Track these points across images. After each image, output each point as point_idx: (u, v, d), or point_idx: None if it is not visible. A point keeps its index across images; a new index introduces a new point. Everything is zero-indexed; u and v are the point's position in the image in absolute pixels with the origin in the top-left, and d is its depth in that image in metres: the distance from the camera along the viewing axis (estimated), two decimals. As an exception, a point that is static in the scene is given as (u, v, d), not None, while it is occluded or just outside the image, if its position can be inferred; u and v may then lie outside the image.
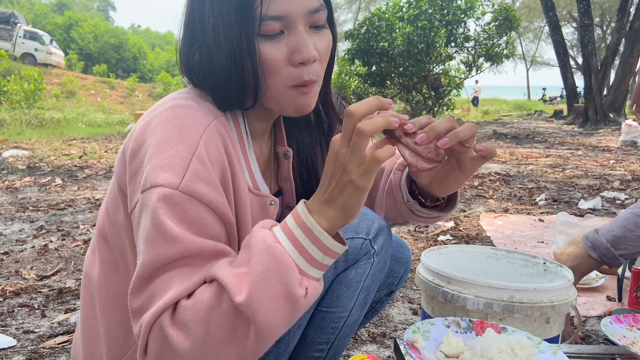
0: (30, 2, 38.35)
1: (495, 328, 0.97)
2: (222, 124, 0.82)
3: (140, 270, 0.72)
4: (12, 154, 6.42)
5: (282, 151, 0.96)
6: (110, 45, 31.59)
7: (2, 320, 1.86)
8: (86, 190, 4.39)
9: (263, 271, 0.68)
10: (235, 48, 0.78)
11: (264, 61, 0.78)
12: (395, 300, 2.07)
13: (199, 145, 0.75)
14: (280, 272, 0.68)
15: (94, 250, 0.94)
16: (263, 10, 0.76)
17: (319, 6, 0.80)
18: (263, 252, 0.68)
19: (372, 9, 15.14)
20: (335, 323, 1.02)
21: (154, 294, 0.71)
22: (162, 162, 0.73)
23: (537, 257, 1.41)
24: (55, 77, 19.35)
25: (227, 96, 0.83)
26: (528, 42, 38.33)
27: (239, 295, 0.67)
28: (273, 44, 0.78)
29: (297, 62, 0.79)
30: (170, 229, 0.70)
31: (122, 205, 0.85)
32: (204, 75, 0.83)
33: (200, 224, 0.73)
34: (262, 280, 0.67)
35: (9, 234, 3.03)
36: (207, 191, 0.73)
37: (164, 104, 0.82)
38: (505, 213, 3.61)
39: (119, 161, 0.85)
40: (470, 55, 14.15)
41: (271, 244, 0.69)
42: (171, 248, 0.70)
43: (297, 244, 0.70)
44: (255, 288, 0.67)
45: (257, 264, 0.68)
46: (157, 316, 0.69)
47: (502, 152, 7.27)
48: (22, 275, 2.32)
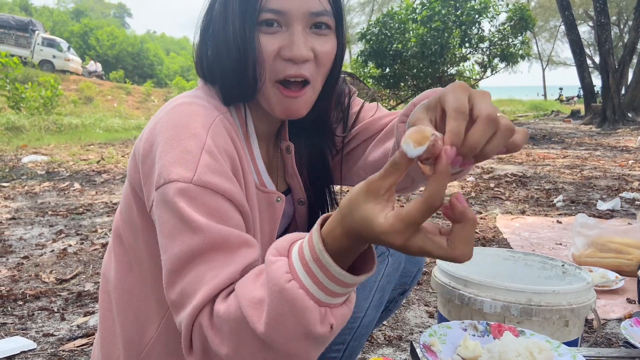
0: (48, 10, 39.01)
1: (513, 331, 0.96)
2: (227, 120, 0.83)
3: (170, 263, 0.72)
4: (32, 160, 6.53)
5: (285, 146, 0.97)
6: (126, 52, 32.00)
7: (23, 323, 1.89)
8: (104, 195, 4.45)
9: (278, 314, 0.63)
10: (239, 38, 0.80)
11: (259, 51, 0.81)
12: (411, 302, 2.06)
13: (207, 139, 0.76)
14: (297, 317, 0.63)
15: (110, 251, 0.96)
16: (262, 3, 0.79)
17: (322, 10, 0.81)
18: (276, 295, 0.63)
19: (385, 10, 15.10)
20: (351, 323, 1.02)
21: (188, 291, 0.71)
22: (173, 158, 0.74)
23: (555, 260, 1.40)
24: (73, 84, 19.65)
25: (233, 86, 0.85)
26: (544, 41, 37.94)
27: (258, 328, 0.64)
28: (269, 37, 0.80)
29: (285, 57, 0.80)
30: (194, 219, 0.71)
31: (134, 205, 0.87)
32: (213, 68, 0.86)
33: (219, 213, 0.73)
34: (279, 323, 0.63)
35: (29, 238, 3.08)
36: (219, 181, 0.74)
37: (171, 104, 0.84)
38: (522, 215, 3.57)
39: (131, 163, 0.86)
40: (485, 56, 14.05)
41: (284, 285, 0.62)
42: (197, 238, 0.70)
43: (315, 279, 0.63)
44: (272, 329, 0.64)
45: (272, 305, 0.63)
46: (195, 316, 0.70)
47: (519, 153, 7.20)
48: (42, 279, 2.36)
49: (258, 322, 0.64)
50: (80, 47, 31.07)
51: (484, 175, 5.33)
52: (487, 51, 13.92)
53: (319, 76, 0.85)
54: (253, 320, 0.65)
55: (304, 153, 1.01)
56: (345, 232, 0.60)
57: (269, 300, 0.64)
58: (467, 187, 4.67)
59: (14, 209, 3.84)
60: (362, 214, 0.58)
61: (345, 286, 0.63)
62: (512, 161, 6.44)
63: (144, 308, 0.90)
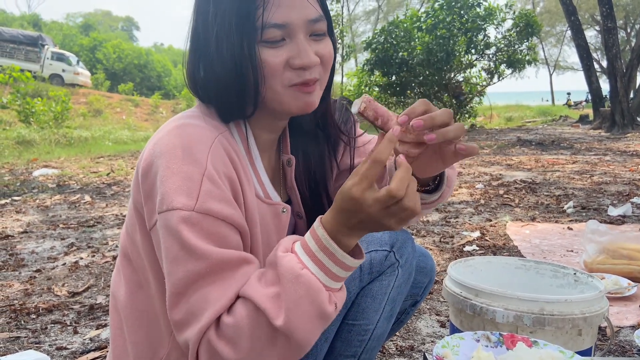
0: (58, 25, 39.55)
1: (526, 342, 0.95)
2: (226, 139, 0.85)
3: (174, 287, 0.78)
4: (43, 173, 6.59)
5: (286, 159, 0.98)
6: (134, 64, 32.32)
7: (36, 337, 1.91)
8: (114, 207, 4.48)
9: (296, 299, 0.75)
10: (236, 56, 0.81)
11: (264, 66, 0.82)
12: (423, 312, 2.05)
13: (207, 165, 0.79)
14: (311, 298, 0.75)
15: (119, 270, 0.96)
16: (265, 19, 0.80)
17: (319, 16, 0.84)
18: (293, 282, 0.75)
19: (390, 19, 15.15)
20: (362, 336, 1.02)
21: (194, 311, 0.77)
22: (175, 185, 0.77)
23: (567, 268, 1.39)
24: (82, 97, 19.85)
25: (229, 105, 0.86)
26: (550, 46, 37.86)
27: (277, 320, 0.74)
28: (274, 50, 0.82)
29: (296, 66, 0.83)
30: (196, 246, 0.76)
31: (138, 225, 0.88)
32: (208, 87, 0.87)
33: (220, 237, 0.78)
34: (296, 306, 0.74)
35: (41, 251, 3.11)
36: (220, 208, 0.78)
37: (170, 124, 0.85)
38: (533, 222, 3.55)
39: (134, 182, 0.88)
40: (491, 62, 14.03)
41: (299, 272, 0.75)
42: (200, 264, 0.76)
43: (322, 266, 0.77)
44: (292, 314, 0.74)
45: (290, 292, 0.75)
46: (203, 333, 0.76)
47: (527, 159, 7.17)
48: (55, 292, 2.38)
49: (278, 313, 0.74)
50: (89, 60, 31.42)
51: (493, 182, 5.31)
52: (494, 57, 13.92)
53: (325, 74, 0.89)
54: (273, 313, 0.74)
55: (303, 167, 1.03)
56: (344, 217, 0.76)
57: (286, 288, 0.75)
58: (476, 194, 4.65)
59: (25, 223, 3.88)
60: (354, 194, 0.75)
61: (346, 269, 0.79)
62: (521, 167, 6.41)
63: (155, 326, 0.91)
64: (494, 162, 6.99)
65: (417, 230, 3.39)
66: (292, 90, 0.84)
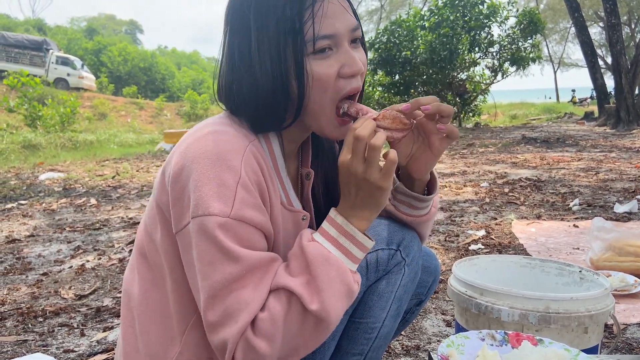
0: (62, 30, 39.75)
1: (531, 340, 0.95)
2: (256, 148, 0.87)
3: (210, 289, 0.81)
4: (49, 177, 6.63)
5: (305, 172, 1.01)
6: (138, 67, 32.44)
7: (43, 340, 1.92)
8: (120, 210, 4.50)
9: (328, 280, 0.81)
10: (283, 71, 0.84)
11: (316, 78, 0.85)
12: (428, 312, 2.05)
13: (242, 172, 0.82)
14: (341, 277, 0.83)
15: (133, 268, 0.97)
16: (315, 31, 0.83)
17: (357, 25, 0.89)
18: (324, 264, 0.82)
19: (393, 18, 15.13)
20: (369, 334, 1.02)
21: (230, 312, 0.80)
22: (211, 191, 0.80)
23: (572, 266, 1.39)
24: (87, 100, 19.96)
25: (267, 118, 0.88)
26: (554, 43, 37.70)
27: (312, 304, 0.80)
28: (324, 61, 0.85)
29: (347, 75, 0.86)
30: (232, 250, 0.80)
31: (159, 224, 0.90)
32: (245, 102, 0.88)
33: (251, 241, 0.83)
34: (329, 287, 0.81)
35: (48, 254, 3.13)
36: (253, 215, 0.83)
37: (202, 130, 0.87)
38: (538, 220, 3.54)
39: (159, 183, 0.90)
40: (495, 60, 14.00)
41: (328, 255, 0.83)
42: (236, 266, 0.80)
43: (344, 249, 0.85)
44: (325, 295, 0.81)
45: (321, 274, 0.81)
46: (242, 333, 0.80)
47: (532, 157, 7.15)
48: (61, 295, 2.39)
49: (312, 297, 0.80)
50: (94, 64, 31.56)
51: (498, 180, 5.30)
52: (497, 55, 13.88)
53: (361, 85, 0.93)
54: (307, 297, 0.80)
55: (321, 181, 1.06)
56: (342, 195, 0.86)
57: (317, 272, 0.81)
58: (482, 193, 4.64)
59: (32, 227, 3.90)
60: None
61: (364, 250, 0.87)
62: (526, 165, 6.39)
63: (167, 325, 0.92)
64: (499, 161, 6.97)
65: (422, 229, 3.38)
66: (333, 119, 0.89)
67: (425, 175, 0.99)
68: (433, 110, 0.87)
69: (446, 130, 0.90)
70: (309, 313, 0.80)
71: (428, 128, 0.91)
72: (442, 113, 0.88)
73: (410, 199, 1.02)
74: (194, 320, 0.90)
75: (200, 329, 0.90)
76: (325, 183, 1.07)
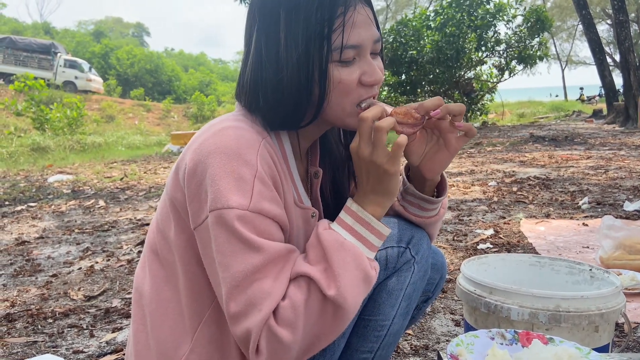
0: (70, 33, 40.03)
1: (541, 339, 0.94)
2: (269, 144, 0.88)
3: (233, 280, 0.81)
4: (57, 179, 6.67)
5: (313, 171, 1.02)
6: (146, 69, 32.61)
7: (53, 341, 1.93)
8: (128, 211, 4.52)
9: (344, 264, 0.82)
10: (309, 75, 0.86)
11: (339, 84, 0.87)
12: (437, 311, 2.04)
13: (258, 166, 0.84)
14: (356, 262, 0.84)
15: (144, 265, 0.98)
16: (344, 41, 0.85)
17: (379, 37, 0.91)
18: (339, 249, 0.83)
19: (399, 18, 15.11)
20: (378, 331, 1.02)
21: (253, 302, 0.81)
22: (229, 185, 0.81)
23: (582, 264, 1.38)
24: (95, 103, 20.09)
25: (287, 117, 0.90)
26: (562, 41, 37.50)
27: (329, 289, 0.81)
28: (348, 69, 0.87)
29: (369, 83, 0.89)
30: (254, 240, 0.81)
31: (173, 222, 0.91)
32: (266, 102, 0.89)
33: (269, 233, 0.84)
34: (345, 272, 0.82)
35: (57, 256, 3.14)
36: (271, 207, 0.84)
37: (216, 126, 0.88)
38: (547, 218, 3.51)
39: (172, 180, 0.90)
40: (502, 59, 13.94)
41: (343, 241, 0.84)
42: (259, 256, 0.81)
43: (359, 236, 0.86)
44: (342, 280, 0.81)
45: (337, 260, 0.82)
46: (265, 321, 0.80)
47: (541, 156, 7.11)
48: (71, 297, 2.40)
49: (329, 283, 0.81)
50: (101, 67, 31.76)
51: (506, 179, 5.27)
52: (504, 54, 13.82)
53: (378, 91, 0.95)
54: (324, 283, 0.81)
55: (329, 180, 1.08)
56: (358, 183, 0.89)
57: (333, 258, 0.83)
58: (490, 192, 4.62)
59: (41, 228, 3.93)
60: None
61: (380, 237, 0.88)
62: (534, 164, 6.36)
63: (179, 322, 0.92)
64: (507, 159, 6.93)
65: (430, 229, 3.36)
66: (354, 109, 0.90)
67: (437, 176, 1.00)
68: (443, 114, 0.88)
69: (464, 128, 0.91)
70: (327, 299, 0.81)
71: (443, 127, 0.92)
72: (453, 112, 0.89)
73: (420, 201, 1.03)
74: (205, 318, 0.91)
75: (211, 326, 0.90)
76: (333, 182, 1.08)
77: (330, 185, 1.08)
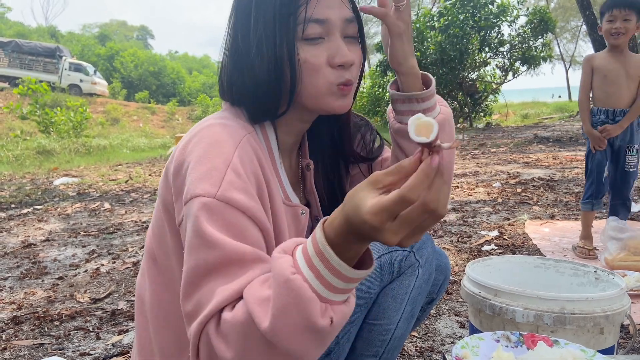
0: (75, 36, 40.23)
1: (547, 341, 0.95)
2: (253, 139, 0.87)
3: (186, 276, 0.76)
4: (63, 182, 6.70)
5: (305, 163, 1.01)
6: (150, 72, 32.72)
7: (60, 343, 1.94)
8: (133, 214, 4.54)
9: (283, 306, 0.66)
10: (277, 54, 0.84)
11: (305, 63, 0.85)
12: (442, 313, 2.04)
13: (234, 158, 0.80)
14: (300, 307, 0.66)
15: (144, 272, 0.98)
16: (308, 14, 0.84)
17: (352, 17, 0.88)
18: (282, 286, 0.67)
19: (403, 19, 15.03)
20: (383, 336, 1.02)
21: (201, 302, 0.74)
22: (200, 175, 0.78)
23: (587, 266, 1.38)
24: (100, 106, 20.16)
25: (264, 105, 0.88)
26: (566, 42, 37.37)
27: (263, 324, 0.67)
28: (314, 48, 0.85)
29: (336, 64, 0.86)
30: (211, 234, 0.74)
31: (167, 225, 0.90)
32: (244, 89, 0.88)
33: (238, 229, 0.76)
34: (283, 314, 0.66)
35: (63, 259, 3.16)
36: (242, 198, 0.77)
37: (201, 125, 0.88)
38: (552, 219, 3.51)
39: (163, 182, 0.90)
40: (505, 60, 13.91)
41: (289, 276, 0.67)
42: (212, 253, 0.74)
43: (317, 273, 0.67)
44: (277, 321, 0.66)
45: (278, 297, 0.67)
46: (203, 325, 0.73)
47: (545, 157, 7.09)
48: (77, 299, 2.41)
49: (264, 318, 0.67)
50: (106, 69, 31.88)
51: (510, 180, 5.26)
52: (508, 55, 13.79)
53: (356, 80, 0.91)
54: (259, 317, 0.67)
55: (321, 172, 1.05)
56: (344, 223, 0.65)
57: (275, 292, 0.67)
58: (494, 193, 4.61)
59: (47, 231, 3.95)
60: (357, 198, 0.63)
61: (345, 280, 0.67)
62: (538, 165, 6.34)
63: (181, 327, 0.92)
64: (511, 160, 6.92)
65: (434, 230, 3.37)
66: (333, 88, 0.87)
67: (408, 67, 0.94)
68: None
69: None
70: (262, 332, 0.68)
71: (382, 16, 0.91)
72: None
73: (410, 104, 0.96)
74: None
75: None
76: (325, 172, 1.06)
77: (323, 175, 1.05)
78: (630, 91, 2.63)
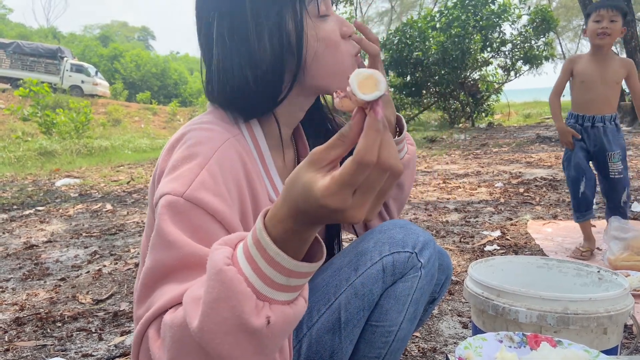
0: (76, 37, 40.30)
1: (550, 342, 0.94)
2: (238, 142, 0.85)
3: (142, 278, 0.72)
4: (65, 183, 6.71)
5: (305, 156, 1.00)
6: (151, 73, 32.78)
7: (62, 344, 1.94)
8: (135, 215, 4.54)
9: (212, 300, 0.58)
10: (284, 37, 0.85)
11: (325, 40, 0.87)
12: (444, 313, 2.04)
13: (211, 160, 0.78)
14: (231, 302, 0.57)
15: (138, 277, 0.98)
16: None
17: None
18: (213, 278, 0.59)
19: (404, 19, 15.10)
20: (386, 337, 1.02)
21: (150, 306, 0.69)
22: (174, 176, 0.76)
23: (590, 266, 1.37)
24: (102, 107, 20.18)
25: (263, 94, 0.87)
26: (568, 41, 37.31)
27: (192, 323, 0.60)
28: (327, 24, 0.88)
29: (347, 34, 0.90)
30: (170, 234, 0.70)
31: None
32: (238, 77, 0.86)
33: (203, 233, 0.71)
34: (212, 310, 0.58)
35: (65, 260, 3.16)
36: (212, 200, 0.73)
37: (184, 129, 0.87)
38: (555, 219, 3.50)
39: (150, 189, 0.89)
40: (507, 59, 13.90)
41: (222, 267, 0.58)
42: (169, 254, 0.69)
43: (255, 265, 0.59)
44: (206, 319, 0.58)
45: (208, 291, 0.59)
46: (145, 328, 0.68)
47: (547, 156, 7.08)
48: (79, 300, 2.42)
49: (194, 316, 0.60)
50: (108, 70, 31.94)
51: (513, 180, 5.25)
52: (510, 54, 13.78)
53: None
54: (190, 315, 0.60)
55: None
56: (289, 211, 0.57)
57: (206, 286, 0.59)
58: (496, 193, 4.61)
59: (49, 232, 3.95)
60: (302, 183, 0.55)
61: (286, 274, 0.58)
62: (541, 165, 6.33)
63: None
64: (513, 160, 6.91)
65: (436, 230, 3.37)
66: (352, 60, 0.90)
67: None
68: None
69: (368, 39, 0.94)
70: (192, 332, 0.60)
71: None
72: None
73: None
74: None
75: None
76: None
77: None
78: (605, 97, 2.65)
